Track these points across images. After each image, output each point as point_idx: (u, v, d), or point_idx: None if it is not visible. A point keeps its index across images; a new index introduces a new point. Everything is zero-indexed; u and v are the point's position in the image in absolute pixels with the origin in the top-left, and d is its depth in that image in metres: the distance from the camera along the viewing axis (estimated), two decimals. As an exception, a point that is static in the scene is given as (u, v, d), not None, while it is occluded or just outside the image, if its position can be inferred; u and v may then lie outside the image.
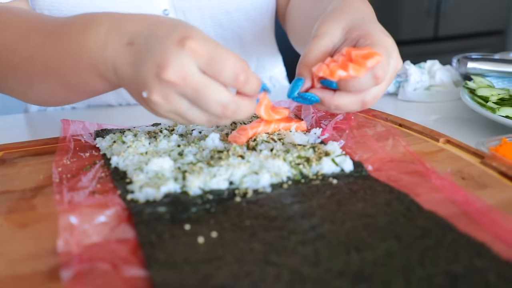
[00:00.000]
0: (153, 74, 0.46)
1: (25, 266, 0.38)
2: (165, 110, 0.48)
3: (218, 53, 0.46)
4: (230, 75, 0.47)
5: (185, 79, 0.45)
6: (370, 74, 0.52)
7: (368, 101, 0.55)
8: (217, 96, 0.47)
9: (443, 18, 2.86)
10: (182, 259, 0.38)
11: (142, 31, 0.49)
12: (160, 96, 0.47)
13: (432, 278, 0.35)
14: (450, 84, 0.94)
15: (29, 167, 0.56)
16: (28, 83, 0.60)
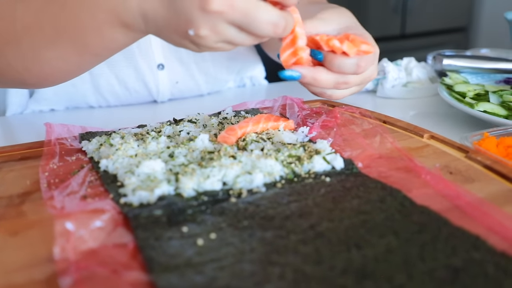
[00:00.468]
0: (197, 8, 0.45)
1: (21, 275, 0.37)
2: (214, 41, 0.48)
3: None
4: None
5: (232, 5, 0.45)
6: (355, 60, 0.55)
7: (340, 83, 0.57)
8: (267, 15, 0.47)
9: (410, 15, 2.92)
10: (184, 261, 0.37)
11: None
12: (208, 29, 0.47)
13: (434, 272, 0.35)
14: (426, 81, 0.96)
15: (14, 172, 0.54)
16: (34, 53, 0.56)
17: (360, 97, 0.94)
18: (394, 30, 2.94)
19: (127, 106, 0.92)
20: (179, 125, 0.64)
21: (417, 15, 2.94)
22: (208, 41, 0.48)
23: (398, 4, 2.88)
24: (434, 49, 1.19)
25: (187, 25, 0.47)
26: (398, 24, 2.94)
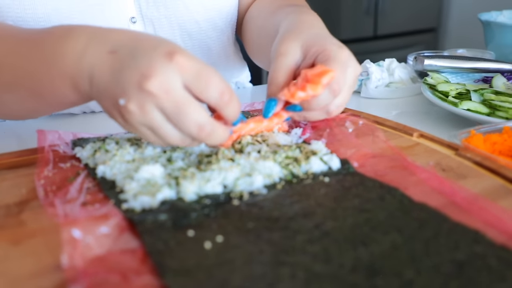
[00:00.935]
0: (135, 82, 0.45)
1: (29, 284, 0.36)
2: (139, 121, 0.47)
3: (205, 70, 0.47)
4: (216, 93, 0.48)
5: (168, 92, 0.45)
6: (327, 90, 0.56)
7: (332, 111, 0.60)
8: (196, 115, 0.47)
9: (382, 17, 2.97)
10: (194, 265, 0.38)
11: (127, 42, 0.49)
12: (137, 106, 0.46)
13: (440, 267, 0.36)
14: (408, 81, 0.98)
15: (7, 181, 0.53)
16: None
17: (344, 98, 0.96)
18: (367, 31, 2.99)
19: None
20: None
21: (389, 16, 2.99)
22: (134, 118, 0.47)
23: (370, 6, 2.92)
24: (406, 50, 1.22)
25: (121, 95, 0.46)
26: (371, 26, 2.99)
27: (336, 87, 0.56)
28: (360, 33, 2.96)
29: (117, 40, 0.49)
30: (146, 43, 0.48)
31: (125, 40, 0.49)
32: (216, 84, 0.48)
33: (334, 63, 0.56)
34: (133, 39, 0.49)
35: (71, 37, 0.51)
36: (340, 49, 0.58)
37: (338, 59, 0.57)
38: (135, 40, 0.49)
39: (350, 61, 0.59)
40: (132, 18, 0.81)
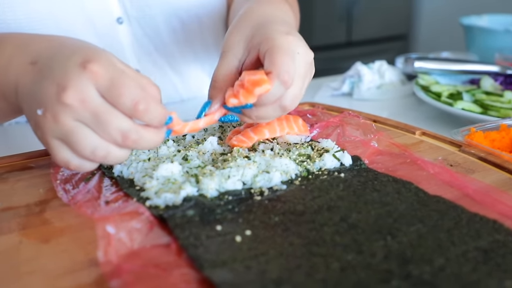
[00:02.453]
0: (52, 94, 0.44)
1: (67, 280, 0.37)
2: (53, 132, 0.45)
3: (119, 79, 0.44)
4: (128, 103, 0.44)
5: (84, 102, 0.43)
6: (277, 82, 0.50)
7: (287, 105, 0.53)
8: (117, 122, 0.44)
9: (355, 23, 3.02)
10: (229, 257, 0.38)
11: (46, 51, 0.48)
12: (51, 117, 0.44)
13: (467, 254, 0.38)
14: (398, 83, 1.01)
15: (22, 181, 0.53)
16: None
17: (337, 100, 0.98)
18: (340, 38, 3.03)
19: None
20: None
21: (361, 23, 3.05)
22: (48, 128, 0.45)
23: (343, 12, 2.97)
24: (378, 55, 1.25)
25: (39, 105, 0.45)
26: (344, 32, 3.03)
27: (286, 78, 0.50)
28: (333, 40, 3.00)
29: (38, 50, 0.48)
30: (64, 50, 0.46)
31: (45, 49, 0.48)
32: (129, 93, 0.44)
33: (278, 52, 0.51)
34: (53, 47, 0.48)
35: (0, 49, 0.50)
36: (285, 36, 0.53)
37: (282, 47, 0.51)
38: (55, 48, 0.48)
39: (298, 47, 0.53)
40: (118, 19, 0.81)
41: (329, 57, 2.93)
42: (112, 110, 0.44)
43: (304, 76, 0.54)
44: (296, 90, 0.53)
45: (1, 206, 0.48)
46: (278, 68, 0.50)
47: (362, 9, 3.02)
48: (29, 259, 0.39)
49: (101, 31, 0.80)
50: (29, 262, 0.39)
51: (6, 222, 0.45)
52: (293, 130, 0.61)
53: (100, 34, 0.80)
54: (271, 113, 0.53)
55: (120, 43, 0.83)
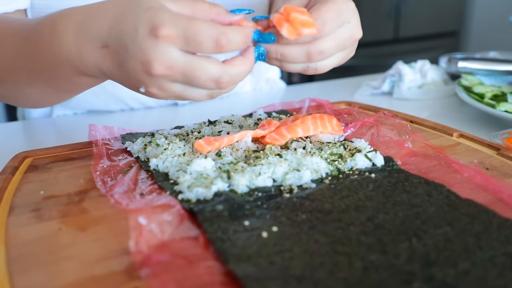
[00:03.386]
0: (142, 71, 0.46)
1: (100, 267, 0.39)
2: (165, 97, 0.50)
3: (191, 29, 0.45)
4: (211, 45, 0.46)
5: (171, 67, 0.46)
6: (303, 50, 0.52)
7: (313, 53, 0.53)
8: (206, 73, 0.47)
9: (403, 20, 2.96)
10: (254, 252, 0.39)
11: (110, 30, 0.47)
12: (156, 88, 0.48)
13: (494, 259, 0.38)
14: (440, 83, 0.99)
15: (65, 172, 0.56)
16: (16, 90, 0.59)
17: (377, 99, 0.97)
18: (387, 34, 2.98)
19: (148, 109, 0.94)
20: (216, 126, 0.66)
21: (410, 19, 2.98)
22: (159, 97, 0.49)
23: (391, 8, 2.92)
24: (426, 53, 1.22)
25: (138, 84, 0.48)
26: (391, 29, 2.98)
27: (321, 26, 0.51)
28: (380, 36, 2.95)
29: (101, 30, 0.48)
30: (126, 26, 0.46)
31: (107, 28, 0.48)
32: (205, 36, 0.45)
33: (328, 4, 0.52)
34: (114, 23, 0.47)
35: (60, 38, 0.50)
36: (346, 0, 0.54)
37: (336, 3, 0.53)
38: (116, 24, 0.47)
39: (352, 17, 0.54)
40: None
41: (376, 53, 2.89)
42: (196, 63, 0.46)
43: (343, 45, 0.54)
44: (327, 45, 0.53)
45: (43, 194, 0.51)
46: (319, 15, 0.51)
47: (411, 4, 2.95)
48: (66, 245, 0.42)
49: None
50: (66, 248, 0.41)
51: (47, 209, 0.47)
52: (327, 129, 0.61)
53: None
54: (296, 55, 0.53)
55: None
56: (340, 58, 0.56)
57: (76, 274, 0.38)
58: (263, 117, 0.70)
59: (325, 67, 0.55)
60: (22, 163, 0.59)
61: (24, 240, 0.42)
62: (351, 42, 0.55)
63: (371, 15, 2.87)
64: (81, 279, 0.37)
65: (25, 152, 0.61)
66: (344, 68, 2.61)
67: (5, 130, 0.85)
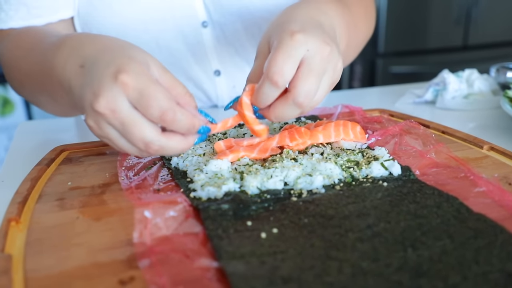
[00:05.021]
0: (89, 101, 0.48)
1: (105, 255, 0.41)
2: (98, 134, 0.50)
3: (148, 90, 0.47)
4: (157, 113, 0.47)
5: (114, 111, 0.47)
6: (268, 83, 0.51)
7: (301, 102, 0.51)
8: (141, 133, 0.48)
9: (473, 26, 2.85)
10: (249, 251, 0.41)
11: (92, 55, 0.51)
12: (93, 122, 0.49)
13: (488, 275, 0.37)
14: (488, 93, 0.96)
15: (94, 165, 0.60)
16: (33, 96, 0.67)
17: (419, 108, 0.95)
18: (456, 41, 2.88)
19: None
20: (242, 128, 0.68)
21: (480, 26, 2.86)
22: (94, 131, 0.50)
23: (461, 14, 2.82)
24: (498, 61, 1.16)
25: (82, 111, 0.50)
26: (461, 35, 2.88)
27: (275, 78, 0.50)
28: (448, 43, 2.86)
29: (86, 53, 0.52)
30: (104, 57, 0.49)
31: (91, 53, 0.51)
32: (157, 104, 0.47)
33: (274, 53, 0.51)
34: (98, 51, 0.51)
35: (60, 49, 0.55)
36: (289, 35, 0.51)
37: (280, 48, 0.50)
38: (99, 53, 0.51)
39: (307, 44, 0.51)
40: (203, 23, 0.86)
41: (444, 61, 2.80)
42: (137, 120, 0.48)
43: (320, 72, 0.52)
44: (308, 86, 0.51)
45: (71, 185, 0.54)
46: (269, 69, 0.50)
47: (482, 11, 2.83)
48: (80, 233, 0.45)
49: (188, 34, 0.86)
50: (79, 235, 0.45)
51: (70, 199, 0.51)
52: (349, 136, 0.62)
53: (187, 37, 0.86)
54: (287, 112, 0.53)
55: (203, 45, 0.88)
56: (327, 83, 0.54)
57: (81, 259, 0.41)
58: (290, 122, 0.71)
59: (318, 100, 0.54)
60: (59, 156, 0.63)
61: (44, 226, 0.46)
62: (325, 62, 0.52)
63: (439, 21, 2.78)
64: (85, 264, 0.40)
65: (63, 146, 0.66)
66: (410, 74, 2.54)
67: (59, 125, 0.91)
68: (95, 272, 0.39)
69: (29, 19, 0.71)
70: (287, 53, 0.50)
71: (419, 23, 2.73)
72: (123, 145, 0.50)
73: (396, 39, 2.71)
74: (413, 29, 2.81)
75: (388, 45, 2.72)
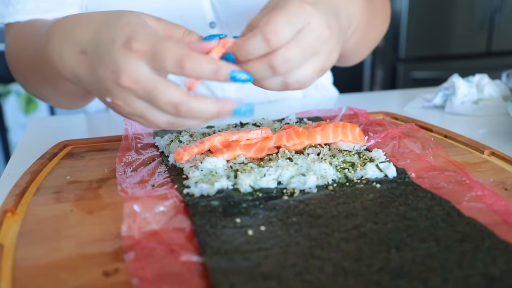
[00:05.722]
0: (111, 81, 0.47)
1: (93, 247, 0.42)
2: (127, 112, 0.50)
3: (159, 46, 0.46)
4: (173, 64, 0.46)
5: (137, 82, 0.46)
6: (260, 36, 0.48)
7: (276, 65, 0.49)
8: (167, 95, 0.46)
9: (496, 32, 2.80)
10: (233, 248, 0.41)
11: (90, 38, 0.50)
12: (121, 100, 0.48)
13: (469, 278, 0.37)
14: (498, 99, 0.94)
15: (94, 160, 0.61)
16: (35, 90, 0.67)
17: (428, 113, 0.94)
18: (479, 47, 2.84)
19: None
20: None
21: (504, 32, 2.82)
22: (123, 110, 0.49)
23: (484, 20, 2.77)
24: None
25: (106, 94, 0.49)
26: (484, 41, 2.83)
27: (270, 36, 0.47)
28: (471, 49, 2.82)
29: (83, 37, 0.50)
30: (105, 35, 0.48)
31: (89, 35, 0.50)
32: (170, 54, 0.45)
33: (276, 12, 0.48)
34: (96, 32, 0.50)
35: (50, 40, 0.54)
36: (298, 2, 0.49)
37: (284, 10, 0.48)
38: (97, 33, 0.49)
39: (311, 18, 0.49)
40: (211, 23, 0.86)
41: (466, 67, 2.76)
42: (161, 83, 0.46)
43: (310, 49, 0.49)
44: (290, 54, 0.48)
45: (69, 179, 0.56)
46: (266, 24, 0.48)
47: (506, 16, 2.79)
48: (72, 225, 0.46)
49: None
50: (71, 228, 0.46)
51: (67, 192, 0.52)
52: (347, 137, 0.61)
53: None
54: (259, 70, 0.50)
55: None
56: (316, 64, 0.51)
57: (70, 251, 0.42)
58: (292, 122, 0.71)
59: (302, 78, 0.51)
60: (62, 150, 0.65)
61: (38, 218, 0.47)
62: (319, 44, 0.50)
63: (462, 26, 2.74)
64: (73, 256, 0.41)
65: (66, 141, 0.67)
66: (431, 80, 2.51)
67: (69, 121, 0.93)
68: (81, 263, 0.40)
69: (36, 13, 0.72)
70: (289, 17, 0.48)
71: (441, 28, 2.70)
72: (155, 117, 0.49)
73: (418, 44, 2.68)
74: (434, 34, 2.78)
75: (409, 50, 2.70)
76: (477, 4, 2.70)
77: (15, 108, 2.42)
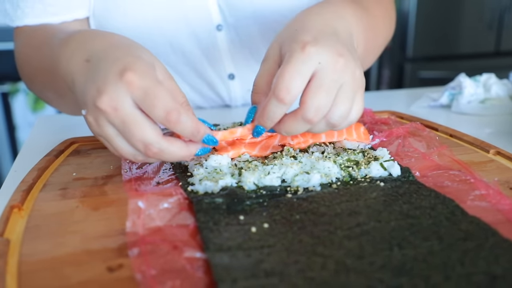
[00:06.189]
0: (91, 97, 0.47)
1: (97, 242, 0.43)
2: (96, 132, 0.50)
3: (153, 90, 0.46)
4: (161, 113, 0.46)
5: (116, 109, 0.46)
6: (274, 100, 0.49)
7: (311, 117, 0.50)
8: (142, 134, 0.47)
9: (506, 31, 2.79)
10: (236, 245, 0.41)
11: (99, 51, 0.50)
12: (93, 119, 0.48)
13: (471, 276, 0.37)
14: (505, 98, 0.94)
15: (100, 158, 0.62)
16: (41, 92, 0.69)
17: (434, 112, 0.94)
18: (488, 47, 2.82)
19: (202, 109, 0.98)
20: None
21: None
22: (92, 128, 0.50)
23: (493, 19, 2.76)
24: None
25: (83, 106, 0.49)
26: (493, 41, 2.81)
27: (281, 95, 0.48)
28: (480, 48, 2.80)
29: (93, 48, 0.51)
30: (111, 54, 0.49)
31: (99, 48, 0.51)
32: (161, 104, 0.46)
33: (282, 68, 0.49)
34: (105, 48, 0.50)
35: (67, 44, 0.54)
36: (300, 49, 0.49)
37: (290, 62, 0.49)
38: (106, 49, 0.50)
39: (318, 57, 0.49)
40: (218, 26, 0.86)
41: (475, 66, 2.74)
42: (139, 120, 0.47)
43: (332, 86, 0.50)
44: (318, 101, 0.49)
45: (75, 176, 0.56)
46: (276, 85, 0.49)
47: (516, 15, 2.77)
48: (77, 221, 0.46)
49: (202, 38, 0.87)
50: (76, 224, 0.46)
51: (73, 189, 0.53)
52: (352, 136, 0.62)
53: (201, 40, 0.87)
54: (297, 128, 0.52)
55: (218, 48, 0.89)
56: (347, 93, 0.51)
57: (75, 246, 0.42)
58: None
59: (344, 113, 0.51)
60: (68, 148, 0.65)
61: (44, 213, 0.48)
62: (339, 75, 0.50)
63: (470, 25, 2.73)
64: (78, 251, 0.41)
65: (73, 138, 0.68)
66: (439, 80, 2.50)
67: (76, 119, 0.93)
68: (85, 258, 0.40)
69: (44, 17, 0.73)
70: (295, 68, 0.48)
71: (449, 28, 2.69)
72: (120, 145, 0.49)
73: (425, 43, 2.67)
74: (443, 33, 2.76)
75: (417, 50, 2.68)
76: (486, 3, 2.69)
77: (23, 106, 2.44)
